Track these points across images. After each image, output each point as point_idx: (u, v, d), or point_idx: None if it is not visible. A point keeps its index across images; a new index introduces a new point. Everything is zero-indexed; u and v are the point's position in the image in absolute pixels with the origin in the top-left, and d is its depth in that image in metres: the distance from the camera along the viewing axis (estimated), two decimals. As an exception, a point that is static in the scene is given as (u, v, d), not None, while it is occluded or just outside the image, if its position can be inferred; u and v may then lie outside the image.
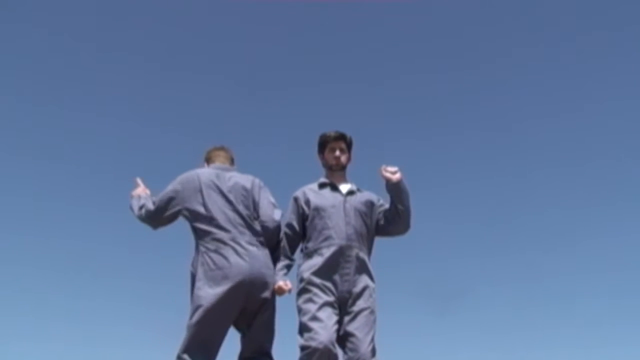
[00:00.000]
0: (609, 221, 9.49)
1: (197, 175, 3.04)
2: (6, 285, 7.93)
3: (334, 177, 3.13)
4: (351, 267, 2.88)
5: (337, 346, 2.73)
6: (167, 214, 3.01)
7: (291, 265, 3.02)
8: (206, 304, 2.74)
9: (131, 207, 3.14)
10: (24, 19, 9.48)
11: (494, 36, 10.84)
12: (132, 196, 3.19)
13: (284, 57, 11.14)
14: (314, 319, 2.72)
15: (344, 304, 2.85)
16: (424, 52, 11.05)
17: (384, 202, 3.13)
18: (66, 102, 9.86)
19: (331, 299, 2.81)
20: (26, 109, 9.43)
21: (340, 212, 2.96)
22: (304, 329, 2.73)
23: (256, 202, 3.05)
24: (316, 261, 2.88)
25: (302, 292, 2.86)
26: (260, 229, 2.99)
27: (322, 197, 3.03)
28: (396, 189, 2.96)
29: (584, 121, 10.37)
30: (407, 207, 3.00)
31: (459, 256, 9.53)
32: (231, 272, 2.78)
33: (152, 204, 3.04)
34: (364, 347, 2.74)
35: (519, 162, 10.62)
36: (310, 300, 2.80)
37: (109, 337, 7.30)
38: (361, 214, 3.00)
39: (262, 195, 3.09)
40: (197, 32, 10.97)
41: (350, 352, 2.75)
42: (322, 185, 3.11)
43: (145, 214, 3.05)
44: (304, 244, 3.04)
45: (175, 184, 3.05)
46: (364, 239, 2.98)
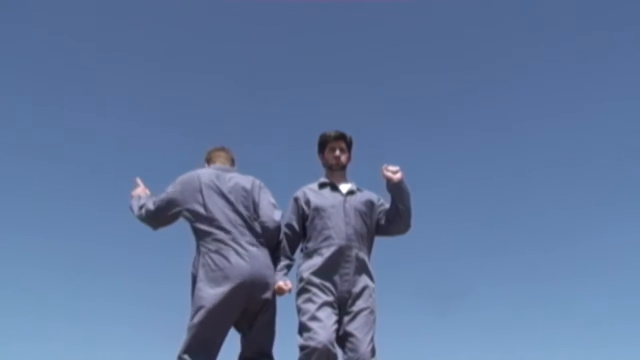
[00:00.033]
0: (609, 221, 9.50)
1: (197, 175, 3.04)
2: (6, 285, 7.93)
3: (334, 176, 3.12)
4: (351, 267, 2.88)
5: (336, 346, 2.72)
6: (168, 214, 3.01)
7: (291, 265, 3.02)
8: (207, 304, 2.74)
9: (131, 207, 3.14)
10: (24, 19, 9.50)
11: (494, 36, 10.85)
12: (132, 196, 3.19)
13: (284, 57, 11.15)
14: (313, 318, 2.72)
15: (343, 304, 2.84)
16: (424, 52, 11.06)
17: (384, 202, 3.13)
18: (66, 102, 9.87)
19: (330, 298, 2.81)
20: (26, 109, 9.44)
21: (340, 212, 2.96)
22: (303, 329, 2.73)
23: (256, 202, 3.05)
24: (316, 261, 2.88)
25: (301, 292, 2.86)
26: (260, 230, 2.99)
27: (322, 197, 3.03)
28: (397, 188, 2.96)
29: (584, 121, 10.37)
30: (407, 206, 3.00)
31: (459, 256, 9.54)
32: (232, 273, 2.78)
33: (153, 204, 3.04)
34: (364, 347, 2.74)
35: (519, 162, 10.62)
36: (309, 300, 2.80)
37: (109, 337, 7.31)
38: (361, 214, 3.00)
39: (262, 196, 3.09)
40: (197, 32, 10.98)
41: (349, 352, 2.75)
42: (322, 185, 3.11)
43: (145, 214, 3.05)
44: (304, 243, 3.04)
45: (175, 184, 3.04)
46: (363, 239, 2.98)
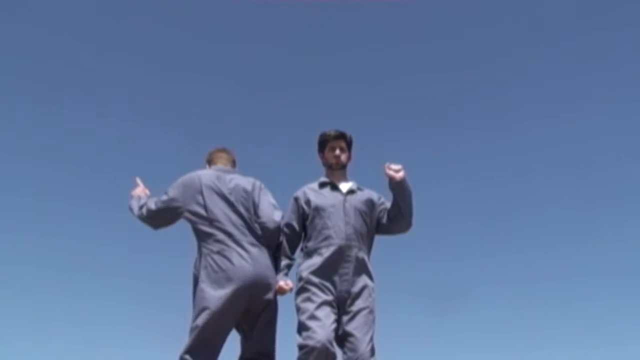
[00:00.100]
0: (609, 221, 9.50)
1: (198, 177, 3.04)
2: (6, 285, 7.93)
3: (334, 176, 3.12)
4: (350, 267, 2.88)
5: (335, 345, 2.72)
6: (169, 215, 3.01)
7: (291, 265, 3.02)
8: (210, 306, 2.74)
9: (131, 207, 3.13)
10: (24, 19, 9.50)
11: (494, 36, 10.85)
12: (131, 196, 3.19)
13: (284, 57, 11.14)
14: (312, 317, 2.72)
15: (342, 304, 2.84)
16: (424, 52, 11.06)
17: (385, 200, 3.12)
18: (66, 102, 9.87)
19: (330, 298, 2.81)
20: (26, 109, 9.44)
21: (339, 212, 2.96)
22: (302, 328, 2.73)
23: (256, 203, 3.04)
24: (315, 261, 2.88)
25: (300, 291, 2.86)
26: (260, 231, 2.98)
27: (322, 197, 3.03)
28: (399, 187, 2.96)
29: (584, 121, 10.37)
30: (409, 205, 3.00)
31: (459, 256, 9.54)
32: (235, 275, 2.78)
33: (154, 204, 3.04)
34: (363, 346, 2.74)
35: (519, 162, 10.62)
36: (308, 299, 2.80)
37: (109, 337, 7.31)
38: (361, 213, 2.99)
39: (263, 197, 3.09)
40: (197, 32, 10.98)
41: (349, 352, 2.75)
42: (322, 184, 3.11)
43: (146, 213, 3.04)
44: (304, 243, 3.04)
45: (176, 185, 3.04)
46: (363, 239, 2.97)
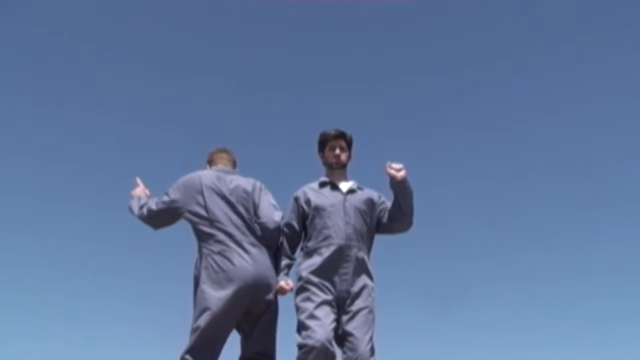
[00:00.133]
0: (609, 221, 9.52)
1: (198, 177, 3.03)
2: (6, 285, 7.94)
3: (334, 175, 3.12)
4: (350, 267, 2.87)
5: (334, 344, 2.72)
6: (169, 215, 3.01)
7: (292, 264, 3.02)
8: (212, 307, 2.74)
9: (130, 207, 3.13)
10: (24, 19, 9.50)
11: (494, 36, 10.86)
12: (131, 196, 3.18)
13: (284, 57, 11.15)
14: (312, 317, 2.72)
15: (342, 304, 2.84)
16: (424, 52, 11.07)
17: (385, 200, 3.12)
18: (66, 102, 9.89)
19: (329, 297, 2.81)
20: (26, 109, 9.45)
21: (339, 212, 2.95)
22: (302, 327, 2.73)
23: (256, 204, 3.04)
24: (315, 260, 2.88)
25: (300, 290, 2.86)
26: (260, 231, 2.98)
27: (322, 196, 3.03)
28: (400, 186, 2.95)
29: (584, 121, 10.38)
30: (410, 205, 2.99)
31: (459, 256, 9.55)
32: (236, 275, 2.78)
33: (155, 205, 3.03)
34: (363, 346, 2.74)
35: (519, 162, 10.63)
36: (308, 298, 2.80)
37: (109, 337, 7.32)
38: (361, 213, 2.99)
39: (263, 197, 3.08)
40: (197, 32, 10.98)
41: (348, 352, 2.74)
42: (322, 184, 3.10)
43: (146, 214, 3.04)
44: (304, 242, 3.04)
45: (177, 186, 3.04)
46: (363, 238, 2.97)
